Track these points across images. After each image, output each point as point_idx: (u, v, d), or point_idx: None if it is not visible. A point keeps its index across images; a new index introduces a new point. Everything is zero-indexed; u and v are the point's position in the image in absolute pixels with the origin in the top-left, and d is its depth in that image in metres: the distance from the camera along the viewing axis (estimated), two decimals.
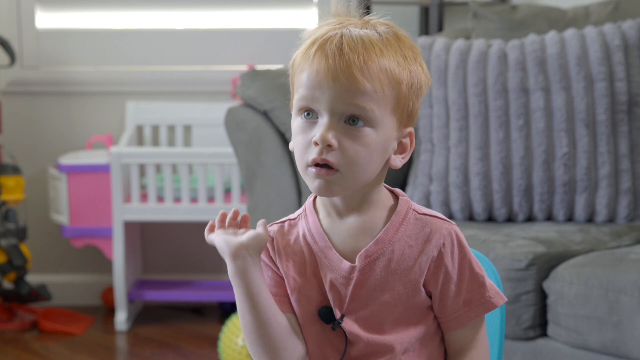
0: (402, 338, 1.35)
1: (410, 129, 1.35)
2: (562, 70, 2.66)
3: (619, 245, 2.51)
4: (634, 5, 2.88)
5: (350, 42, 1.29)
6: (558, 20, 2.91)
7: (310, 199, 1.39)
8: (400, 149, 1.35)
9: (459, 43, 2.76)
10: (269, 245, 1.38)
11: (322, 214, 1.37)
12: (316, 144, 1.29)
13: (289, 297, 1.37)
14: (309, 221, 1.37)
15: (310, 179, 1.31)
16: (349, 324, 1.34)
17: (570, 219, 2.69)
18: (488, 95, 2.69)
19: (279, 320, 1.33)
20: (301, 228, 1.37)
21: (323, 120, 1.30)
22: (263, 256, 1.37)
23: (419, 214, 1.36)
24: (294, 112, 1.35)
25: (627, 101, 2.66)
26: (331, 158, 1.29)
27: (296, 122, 1.34)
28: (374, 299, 1.33)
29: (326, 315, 1.34)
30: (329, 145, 1.29)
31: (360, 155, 1.29)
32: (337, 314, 1.34)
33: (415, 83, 1.33)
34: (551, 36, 2.73)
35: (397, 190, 1.38)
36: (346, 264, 1.33)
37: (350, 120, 1.29)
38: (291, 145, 1.37)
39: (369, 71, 1.28)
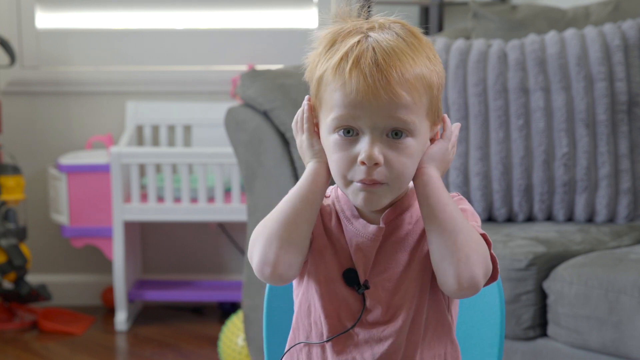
0: (419, 313, 1.37)
1: (438, 127, 1.38)
2: (562, 70, 2.66)
3: (619, 245, 2.51)
4: (634, 5, 2.88)
5: (384, 54, 1.29)
6: (558, 20, 2.91)
7: None
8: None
9: (459, 43, 2.76)
10: None
11: None
12: (363, 163, 1.30)
13: None
14: (339, 196, 1.40)
15: (353, 194, 1.33)
16: (371, 289, 1.37)
17: (570, 219, 2.69)
18: (488, 95, 2.69)
19: (311, 226, 1.35)
20: (331, 201, 1.40)
21: (365, 138, 1.30)
22: None
23: None
24: (326, 128, 1.34)
25: (627, 101, 2.66)
26: (378, 176, 1.31)
27: (332, 139, 1.33)
28: (394, 260, 1.36)
29: (350, 277, 1.37)
30: (376, 164, 1.30)
31: (407, 167, 1.32)
32: (362, 279, 1.37)
33: (440, 83, 1.35)
34: (551, 36, 2.73)
35: None
36: (373, 227, 1.36)
37: (393, 133, 1.31)
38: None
39: (407, 84, 1.29)
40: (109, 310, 3.71)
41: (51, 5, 3.73)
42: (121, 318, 3.50)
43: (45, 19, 3.74)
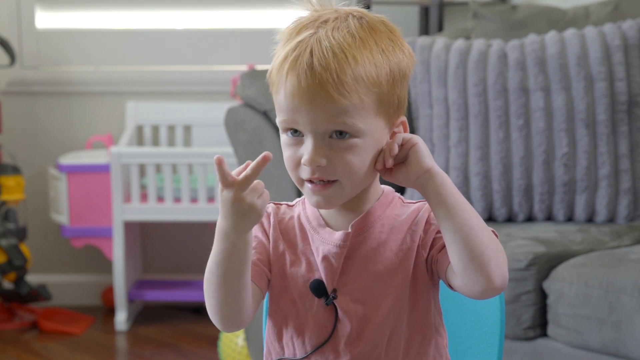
0: (396, 329, 1.33)
1: (403, 118, 1.33)
2: (562, 70, 2.66)
3: (619, 245, 2.51)
4: (634, 5, 2.88)
5: (320, 57, 1.25)
6: (558, 20, 2.91)
7: None
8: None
9: (459, 43, 2.76)
10: (264, 219, 1.37)
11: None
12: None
13: (263, 268, 1.36)
14: (306, 207, 1.37)
15: (308, 195, 1.31)
16: (340, 300, 1.33)
17: (570, 219, 2.69)
18: (488, 95, 2.69)
19: (248, 285, 1.30)
20: (297, 212, 1.38)
21: (308, 142, 1.27)
22: (256, 226, 1.36)
23: (405, 202, 1.37)
24: (279, 126, 1.32)
25: (627, 101, 2.66)
26: (324, 175, 1.28)
27: (283, 138, 1.31)
28: (366, 270, 1.33)
29: (317, 288, 1.33)
30: (318, 165, 1.27)
31: (354, 164, 1.28)
32: (329, 289, 1.33)
33: (398, 74, 1.29)
34: (551, 36, 2.73)
35: (386, 186, 1.39)
36: (340, 233, 1.32)
37: (337, 133, 1.27)
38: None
39: (344, 86, 1.24)
40: (109, 310, 3.71)
41: (51, 5, 3.73)
42: (121, 318, 3.50)
43: (45, 19, 3.74)
